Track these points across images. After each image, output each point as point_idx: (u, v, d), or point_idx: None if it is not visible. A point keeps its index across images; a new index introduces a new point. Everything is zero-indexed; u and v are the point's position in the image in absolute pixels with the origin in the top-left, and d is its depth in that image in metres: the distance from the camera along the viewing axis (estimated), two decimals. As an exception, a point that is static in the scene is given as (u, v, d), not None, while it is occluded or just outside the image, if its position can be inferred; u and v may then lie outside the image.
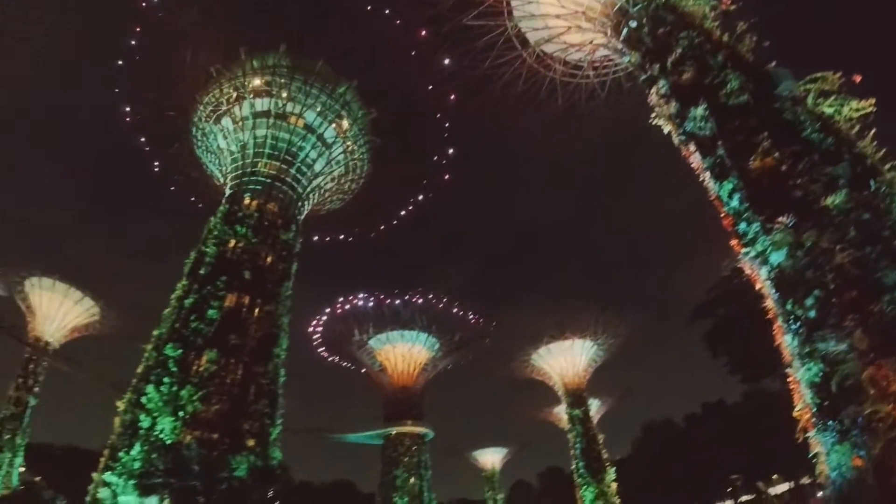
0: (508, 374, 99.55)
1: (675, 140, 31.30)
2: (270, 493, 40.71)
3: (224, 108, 59.43)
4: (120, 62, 59.25)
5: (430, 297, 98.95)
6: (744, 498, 71.01)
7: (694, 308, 47.52)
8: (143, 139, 65.25)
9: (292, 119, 59.18)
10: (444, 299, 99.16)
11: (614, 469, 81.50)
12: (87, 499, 42.14)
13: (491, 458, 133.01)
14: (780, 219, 18.10)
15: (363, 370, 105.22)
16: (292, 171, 59.45)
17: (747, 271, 20.61)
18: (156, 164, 67.95)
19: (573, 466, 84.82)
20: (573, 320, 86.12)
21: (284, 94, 58.86)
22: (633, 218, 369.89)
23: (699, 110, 27.48)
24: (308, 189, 61.90)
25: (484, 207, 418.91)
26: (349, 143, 64.15)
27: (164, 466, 38.05)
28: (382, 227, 77.08)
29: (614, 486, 78.95)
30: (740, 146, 23.23)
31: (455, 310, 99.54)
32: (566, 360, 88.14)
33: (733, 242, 20.95)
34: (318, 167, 61.87)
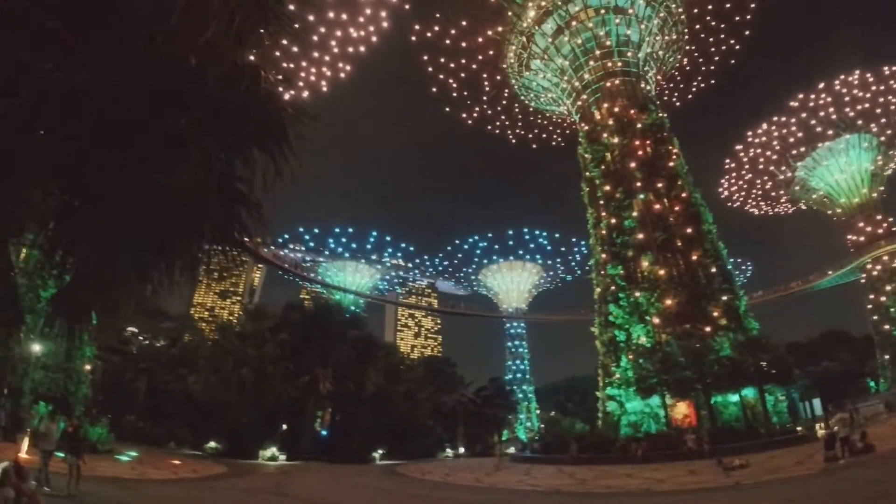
0: None
1: None
2: (763, 363, 38.67)
3: (524, 53, 61.66)
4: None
5: (853, 78, 74.11)
6: None
7: None
8: (489, 127, 73.94)
9: (581, 17, 56.37)
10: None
11: None
12: (599, 414, 49.32)
13: None
14: None
15: (803, 205, 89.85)
16: (615, 59, 56.47)
17: None
18: (510, 137, 75.29)
19: None
20: None
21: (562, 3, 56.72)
22: None
23: None
24: (641, 64, 57.59)
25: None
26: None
27: (654, 367, 40.58)
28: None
29: None
30: None
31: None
32: None
33: None
34: (634, 37, 56.82)
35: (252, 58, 6.06)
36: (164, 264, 5.74)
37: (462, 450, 62.43)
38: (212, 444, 41.18)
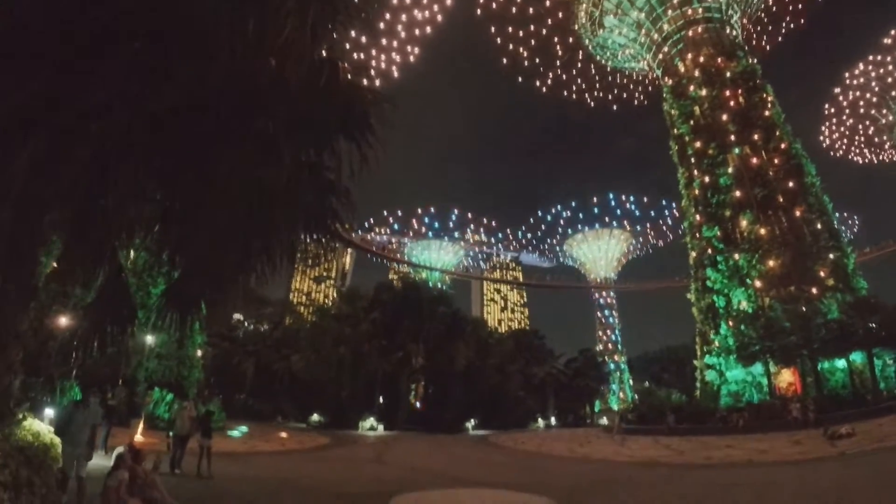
0: None
1: None
2: (872, 325, 35.06)
3: (595, 11, 58.86)
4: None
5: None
6: None
7: None
8: (565, 93, 71.39)
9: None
10: None
11: None
12: (697, 384, 46.96)
13: None
14: None
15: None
16: (695, 5, 52.33)
17: None
18: (589, 100, 72.49)
19: None
20: None
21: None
22: None
23: None
24: (724, 8, 52.94)
25: None
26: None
27: (756, 333, 38.05)
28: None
29: None
30: None
31: None
32: None
33: None
34: (715, -22, 52.15)
35: (325, 53, 6.27)
36: (266, 256, 6.18)
37: (553, 421, 62.43)
38: (315, 417, 44.03)
